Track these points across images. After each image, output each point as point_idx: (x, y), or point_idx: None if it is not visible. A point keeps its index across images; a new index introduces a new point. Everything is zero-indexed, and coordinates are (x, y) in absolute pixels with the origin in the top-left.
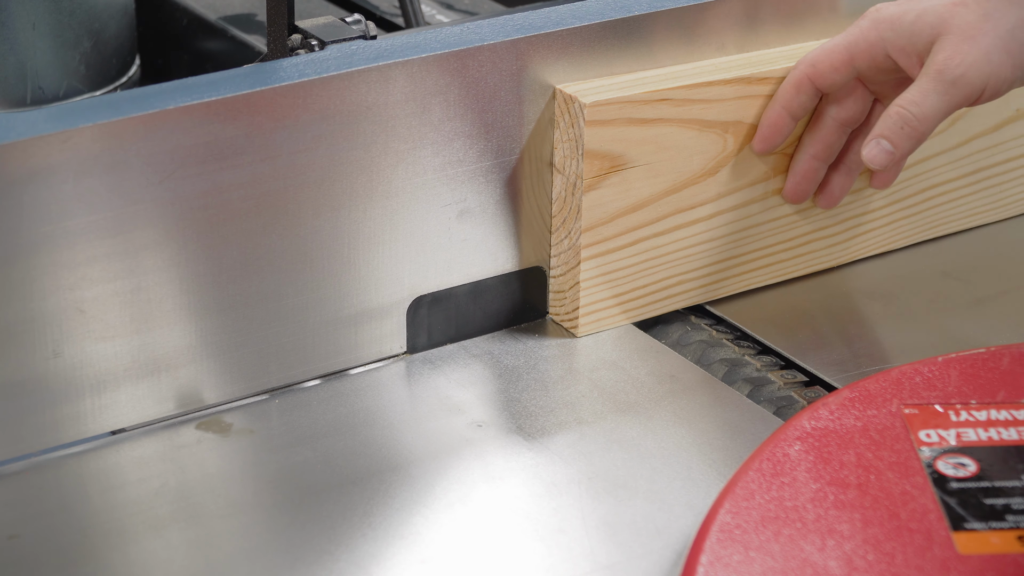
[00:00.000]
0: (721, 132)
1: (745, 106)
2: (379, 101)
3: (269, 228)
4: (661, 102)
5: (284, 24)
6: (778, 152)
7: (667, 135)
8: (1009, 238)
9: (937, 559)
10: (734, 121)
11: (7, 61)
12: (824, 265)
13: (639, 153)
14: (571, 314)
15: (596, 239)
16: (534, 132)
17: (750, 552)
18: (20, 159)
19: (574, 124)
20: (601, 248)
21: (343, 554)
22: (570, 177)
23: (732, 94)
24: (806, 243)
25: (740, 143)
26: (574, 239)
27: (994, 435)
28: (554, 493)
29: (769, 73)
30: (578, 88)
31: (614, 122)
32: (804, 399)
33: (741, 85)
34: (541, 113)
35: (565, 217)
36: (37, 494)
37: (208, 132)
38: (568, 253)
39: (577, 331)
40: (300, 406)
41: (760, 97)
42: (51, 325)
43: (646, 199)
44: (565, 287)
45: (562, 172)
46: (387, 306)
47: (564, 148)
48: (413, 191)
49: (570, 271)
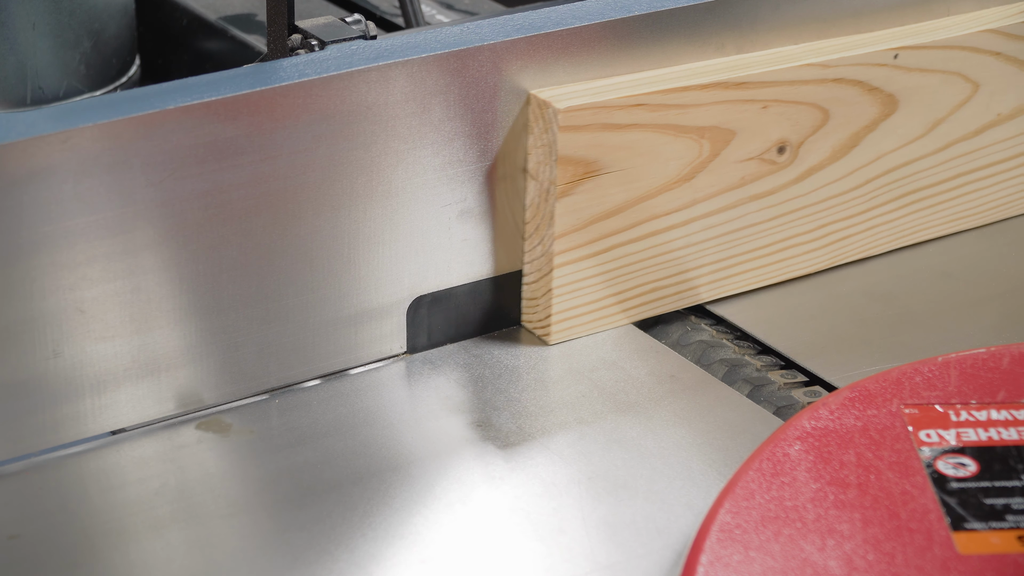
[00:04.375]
0: (697, 137)
1: (722, 111)
2: (379, 101)
3: (269, 228)
4: (636, 107)
5: (284, 24)
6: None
7: (642, 141)
8: (1009, 238)
9: (937, 559)
10: (711, 126)
11: (7, 61)
12: (800, 272)
13: (613, 159)
14: (543, 321)
15: (569, 246)
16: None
17: (750, 552)
18: (20, 159)
19: (547, 129)
20: (574, 255)
21: (343, 554)
22: (543, 183)
23: (708, 99)
24: (782, 249)
25: (717, 148)
26: (547, 246)
27: (994, 435)
28: (554, 493)
29: (747, 78)
30: (552, 93)
31: (588, 127)
32: (804, 399)
33: (718, 90)
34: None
35: (538, 224)
36: (37, 494)
37: (208, 132)
38: (541, 260)
39: (549, 339)
40: (300, 406)
41: (737, 102)
42: (51, 325)
43: (620, 205)
44: (538, 294)
45: (536, 179)
46: (387, 306)
47: (538, 154)
48: (413, 191)
49: (542, 278)
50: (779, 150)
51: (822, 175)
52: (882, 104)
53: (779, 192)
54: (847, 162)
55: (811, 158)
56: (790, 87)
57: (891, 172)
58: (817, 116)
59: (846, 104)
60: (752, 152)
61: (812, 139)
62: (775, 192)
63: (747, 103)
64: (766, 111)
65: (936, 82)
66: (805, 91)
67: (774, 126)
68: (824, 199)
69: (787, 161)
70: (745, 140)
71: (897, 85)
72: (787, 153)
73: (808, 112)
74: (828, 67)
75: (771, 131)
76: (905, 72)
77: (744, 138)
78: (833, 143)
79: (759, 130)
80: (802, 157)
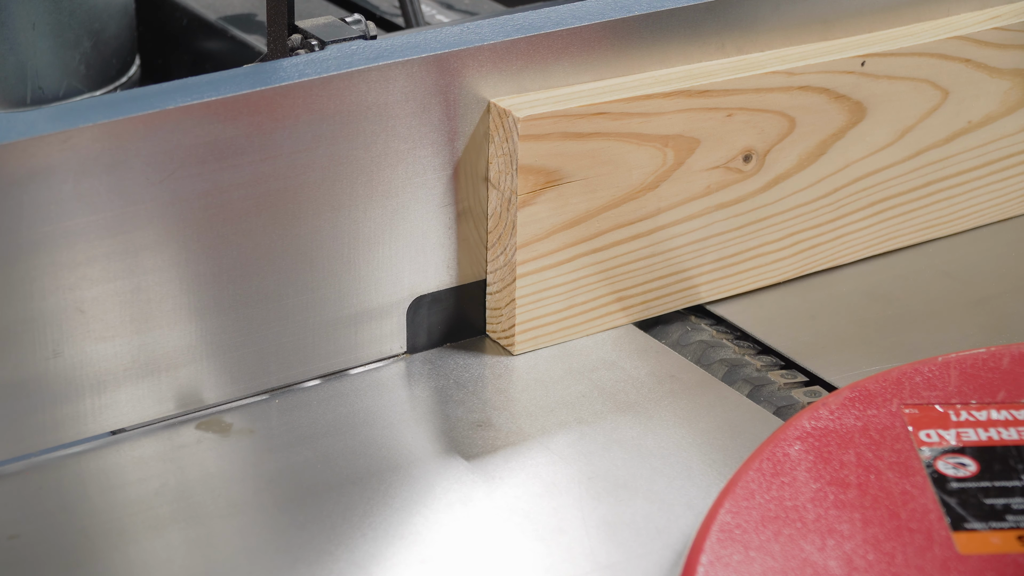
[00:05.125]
0: (661, 146)
1: (686, 119)
2: (379, 101)
3: (269, 228)
4: (598, 116)
5: (284, 24)
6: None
7: (605, 149)
8: (1010, 238)
9: (937, 559)
10: (675, 135)
11: (7, 61)
12: (769, 281)
13: (576, 168)
14: (507, 331)
15: (532, 255)
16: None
17: (750, 552)
18: (20, 159)
19: (508, 139)
20: (537, 265)
21: (343, 554)
22: (505, 192)
23: (672, 107)
24: (751, 258)
25: (681, 157)
26: (509, 255)
27: (994, 435)
28: (554, 493)
29: (711, 86)
30: (513, 102)
31: (549, 136)
32: (804, 399)
33: (681, 98)
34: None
35: (501, 233)
36: (37, 494)
37: (208, 132)
38: (504, 270)
39: (513, 349)
40: (300, 406)
41: (701, 110)
42: (51, 325)
43: (583, 215)
44: (501, 304)
45: (498, 187)
46: (387, 306)
47: (499, 163)
48: (413, 191)
49: (505, 288)
50: (745, 158)
51: (789, 183)
52: (849, 112)
53: (746, 201)
54: (815, 170)
55: (778, 166)
56: (755, 95)
57: (860, 180)
58: (783, 124)
59: (813, 112)
60: (717, 161)
61: (779, 147)
62: (741, 201)
63: (711, 111)
64: (731, 119)
65: (905, 89)
66: (770, 99)
67: (739, 134)
68: (792, 207)
69: (753, 170)
70: (710, 148)
71: (865, 92)
72: (753, 162)
73: (774, 120)
74: (794, 75)
75: (736, 139)
76: (873, 79)
77: (709, 146)
78: (800, 151)
79: (724, 138)
80: (769, 165)
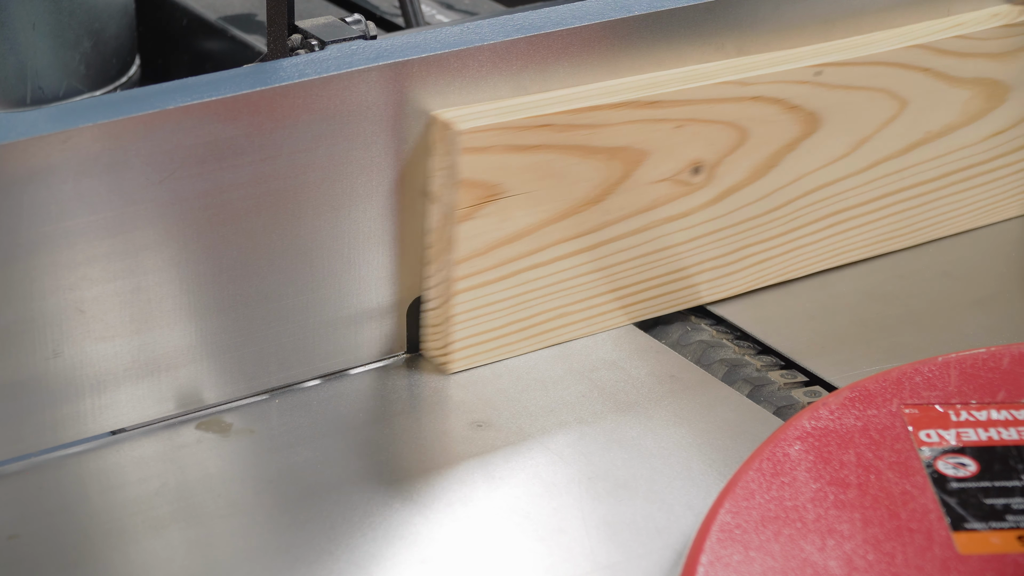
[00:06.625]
0: (607, 158)
1: (634, 131)
2: (379, 101)
3: (269, 228)
4: (542, 128)
5: (284, 24)
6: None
7: (549, 162)
8: (1010, 238)
9: (937, 559)
10: (622, 147)
11: (7, 61)
12: (719, 296)
13: (519, 181)
14: (443, 349)
15: (470, 271)
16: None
17: (750, 552)
18: (20, 159)
19: (448, 151)
20: (476, 280)
21: (343, 554)
22: (444, 206)
23: (619, 119)
24: (699, 272)
25: (628, 169)
26: (448, 271)
27: (994, 435)
28: (554, 493)
29: (659, 96)
30: (456, 114)
31: (491, 149)
32: (804, 399)
33: (629, 109)
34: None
35: (440, 249)
36: (37, 494)
37: (208, 132)
38: (442, 286)
39: (449, 368)
40: (300, 406)
41: (649, 121)
42: (51, 325)
43: (525, 229)
44: (439, 320)
45: (438, 202)
46: (387, 306)
47: (439, 176)
48: (413, 191)
49: (442, 305)
50: (694, 170)
51: (739, 196)
52: (803, 122)
53: (694, 214)
54: (766, 182)
55: (728, 179)
56: (705, 105)
57: (813, 192)
58: (734, 135)
59: (765, 123)
60: (665, 173)
61: (729, 159)
62: (690, 214)
63: (660, 122)
64: (680, 130)
65: (861, 99)
66: (721, 109)
67: (688, 146)
68: (742, 220)
69: (702, 182)
70: (658, 160)
71: (819, 103)
72: (702, 174)
73: (724, 131)
74: (746, 84)
75: (685, 151)
76: (828, 89)
77: (657, 158)
78: (751, 163)
79: (673, 150)
80: (718, 178)
